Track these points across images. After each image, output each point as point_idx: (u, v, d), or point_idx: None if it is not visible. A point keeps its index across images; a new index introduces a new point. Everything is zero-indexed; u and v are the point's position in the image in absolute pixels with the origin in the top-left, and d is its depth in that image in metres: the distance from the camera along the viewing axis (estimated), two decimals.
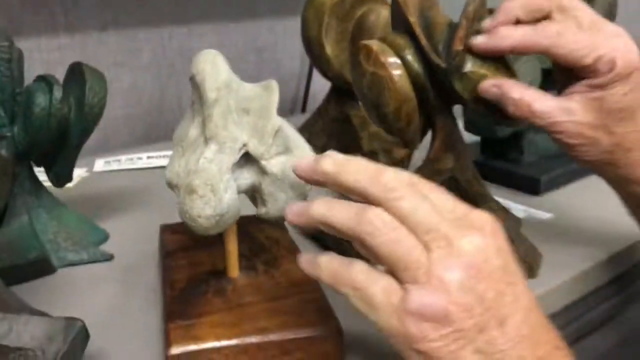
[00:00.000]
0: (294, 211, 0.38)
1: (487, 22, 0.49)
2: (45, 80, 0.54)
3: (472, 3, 0.51)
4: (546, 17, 0.48)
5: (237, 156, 0.39)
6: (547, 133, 0.49)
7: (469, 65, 0.49)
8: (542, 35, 0.46)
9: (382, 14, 0.72)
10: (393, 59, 0.50)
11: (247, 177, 0.40)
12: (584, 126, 0.47)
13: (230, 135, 0.39)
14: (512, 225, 0.61)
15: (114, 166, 0.83)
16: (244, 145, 0.39)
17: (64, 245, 0.57)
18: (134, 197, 0.73)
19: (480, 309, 0.33)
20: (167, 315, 0.41)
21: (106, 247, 0.60)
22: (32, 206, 0.56)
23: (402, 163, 0.75)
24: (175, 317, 0.41)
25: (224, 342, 0.39)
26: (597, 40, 0.46)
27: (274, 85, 0.40)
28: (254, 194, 0.42)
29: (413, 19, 0.51)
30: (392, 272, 0.34)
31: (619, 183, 0.50)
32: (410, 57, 0.51)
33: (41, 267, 0.54)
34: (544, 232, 0.63)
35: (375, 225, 0.34)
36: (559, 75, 0.51)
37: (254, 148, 0.39)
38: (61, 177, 0.57)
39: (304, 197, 0.41)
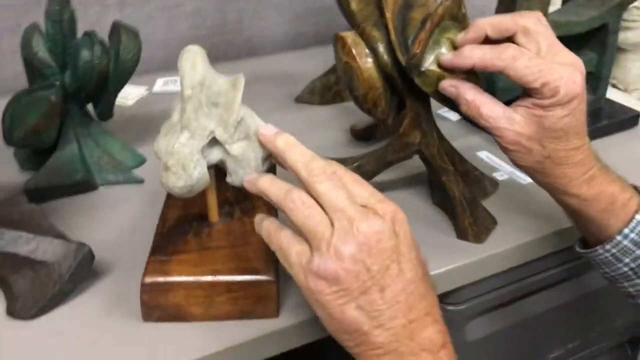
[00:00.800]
0: (249, 179, 0.50)
1: (459, 37, 0.56)
2: (89, 37, 0.66)
3: (441, 7, 0.57)
4: (511, 37, 0.54)
5: (206, 141, 0.50)
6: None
7: (427, 64, 0.56)
8: (499, 57, 0.52)
9: None
10: (363, 52, 0.58)
11: (216, 154, 0.51)
12: (521, 136, 0.54)
13: (200, 125, 0.49)
14: (481, 189, 0.70)
15: (171, 87, 0.95)
16: (212, 132, 0.50)
17: (105, 168, 0.71)
18: None
19: (366, 277, 0.43)
20: (152, 249, 0.54)
21: (141, 171, 0.74)
22: (81, 135, 0.70)
23: None
24: (156, 252, 0.54)
25: (184, 278, 0.52)
26: (546, 68, 0.52)
27: (240, 81, 0.50)
28: (222, 166, 0.53)
29: (389, 14, 0.58)
30: (306, 240, 0.45)
31: (549, 190, 0.58)
32: (382, 49, 0.58)
33: (85, 186, 0.69)
34: (517, 197, 0.70)
35: (295, 202, 0.45)
36: None
37: (220, 135, 0.50)
38: (103, 113, 0.70)
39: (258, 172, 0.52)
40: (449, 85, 0.56)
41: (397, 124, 0.65)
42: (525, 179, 0.73)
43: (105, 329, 0.53)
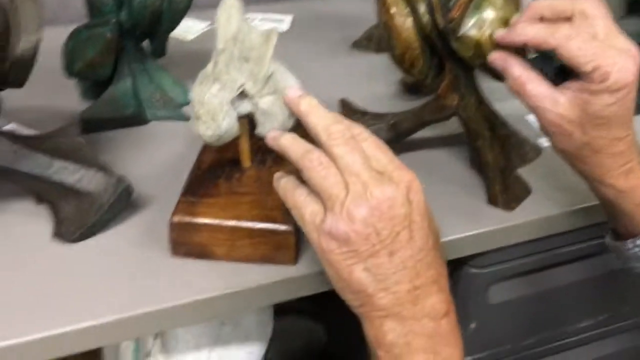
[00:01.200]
0: (272, 136, 0.51)
1: (514, 19, 0.55)
2: None
3: None
4: (569, 18, 0.53)
5: (236, 93, 0.52)
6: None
7: (465, 29, 0.55)
8: (552, 36, 0.52)
9: None
10: (402, 11, 0.58)
11: (246, 106, 0.53)
12: (563, 119, 0.53)
13: (231, 78, 0.51)
14: (521, 155, 0.69)
15: None
16: (242, 85, 0.52)
17: (157, 104, 0.74)
18: None
19: (375, 240, 0.45)
20: (183, 189, 0.58)
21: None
22: (136, 70, 0.73)
23: None
24: (187, 193, 0.57)
25: (209, 220, 0.55)
26: (600, 52, 0.51)
27: (273, 37, 0.51)
28: (252, 118, 0.55)
29: None
30: (321, 200, 0.47)
31: (586, 178, 0.57)
32: (422, 9, 0.58)
33: (136, 120, 0.73)
34: (558, 166, 0.69)
35: (313, 162, 0.47)
36: None
37: (250, 88, 0.52)
38: (157, 51, 0.73)
39: (285, 127, 0.54)
40: (498, 57, 0.55)
41: (439, 83, 0.65)
42: None
43: (137, 258, 0.57)
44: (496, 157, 0.64)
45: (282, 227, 0.55)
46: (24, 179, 0.58)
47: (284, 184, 0.50)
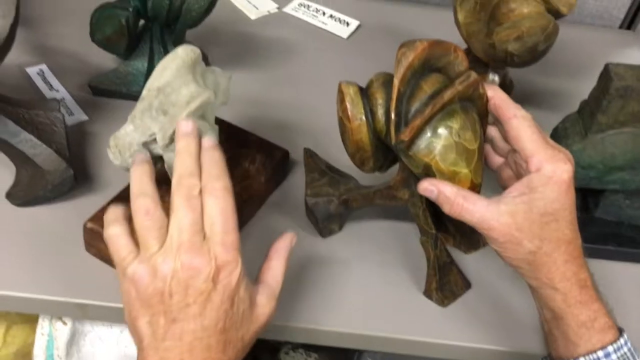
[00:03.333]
0: (132, 166, 0.52)
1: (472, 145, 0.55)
2: None
3: (449, 91, 0.52)
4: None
5: (148, 139, 0.54)
6: None
7: (415, 149, 0.53)
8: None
9: (519, 9, 0.68)
10: (358, 114, 0.55)
11: (159, 151, 0.55)
12: (511, 227, 0.52)
13: (144, 124, 0.54)
14: (475, 240, 0.67)
15: (302, 13, 0.96)
16: (153, 134, 0.54)
17: None
18: (269, 57, 0.88)
19: (167, 301, 0.46)
20: (115, 196, 0.62)
21: None
22: (156, 52, 0.77)
23: None
24: (113, 201, 0.62)
25: None
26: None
27: (195, 101, 0.53)
28: None
29: (397, 80, 0.54)
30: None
31: (536, 288, 0.55)
32: (380, 113, 0.55)
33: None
34: None
35: (140, 208, 0.48)
36: None
37: (158, 139, 0.54)
38: (175, 42, 0.76)
39: None
40: (427, 186, 0.54)
41: None
42: None
43: (56, 242, 0.63)
44: (439, 254, 0.62)
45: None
46: None
47: (112, 213, 0.51)
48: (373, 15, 0.98)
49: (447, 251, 0.64)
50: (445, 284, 0.63)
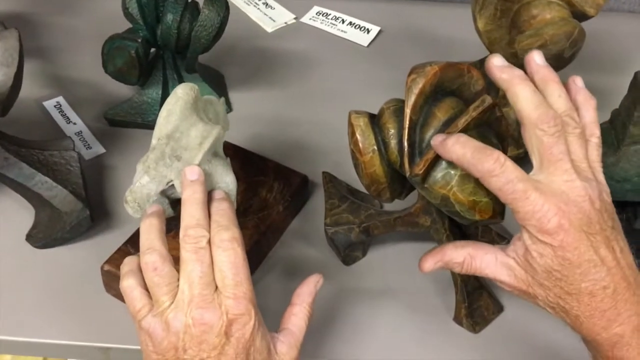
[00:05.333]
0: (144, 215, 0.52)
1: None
2: (177, 2, 0.68)
3: (464, 118, 0.49)
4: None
5: (166, 187, 0.53)
6: None
7: (431, 181, 0.50)
8: (476, 166, 0.47)
9: (541, 15, 0.64)
10: (370, 147, 0.53)
11: (178, 194, 0.54)
12: (523, 283, 0.48)
13: (159, 174, 0.52)
14: None
15: (320, 22, 0.93)
16: (171, 181, 0.52)
17: None
18: (286, 72, 0.85)
19: (181, 355, 0.46)
20: (130, 237, 0.61)
21: None
22: (170, 78, 0.75)
23: None
24: (129, 242, 0.61)
25: None
26: (520, 197, 0.45)
27: (208, 140, 0.51)
28: None
29: (408, 109, 0.51)
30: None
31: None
32: (393, 144, 0.52)
33: None
34: None
35: (148, 265, 0.48)
36: None
37: (177, 186, 0.52)
38: (187, 69, 0.74)
39: None
40: (433, 261, 0.52)
41: None
42: None
43: (80, 279, 0.62)
44: (466, 279, 0.60)
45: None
46: (11, 183, 0.64)
47: (127, 265, 0.51)
48: (394, 19, 0.95)
49: (476, 275, 0.61)
50: (475, 309, 0.61)
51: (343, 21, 0.93)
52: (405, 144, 0.50)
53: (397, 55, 0.89)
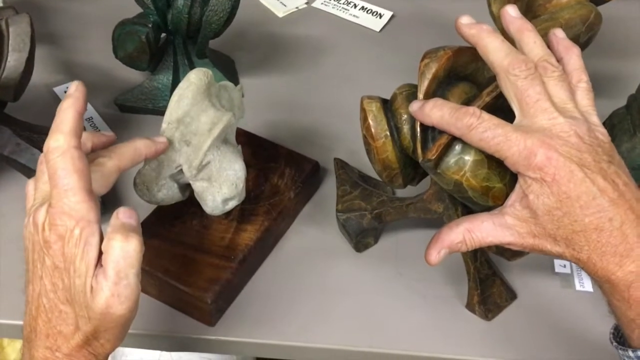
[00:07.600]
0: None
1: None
2: None
3: (478, 101, 0.48)
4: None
5: (175, 171, 0.52)
6: None
7: (444, 166, 0.49)
8: (455, 124, 0.47)
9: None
10: (383, 133, 0.52)
11: (185, 179, 0.54)
12: (525, 237, 0.47)
13: (168, 158, 0.52)
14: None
15: (330, 6, 0.92)
16: (179, 165, 0.52)
17: None
18: (298, 57, 0.85)
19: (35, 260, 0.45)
20: (143, 221, 0.61)
21: None
22: (181, 64, 0.75)
23: None
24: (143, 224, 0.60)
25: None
26: (503, 140, 0.46)
27: (218, 126, 0.51)
28: None
29: (421, 95, 0.50)
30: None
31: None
32: (406, 129, 0.52)
33: None
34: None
35: None
36: None
37: (185, 171, 0.52)
38: (197, 54, 0.74)
39: (214, 213, 0.55)
40: (435, 253, 0.50)
41: None
42: None
43: None
44: (479, 266, 0.59)
45: (201, 295, 0.57)
46: (23, 169, 0.64)
47: None
48: (407, 3, 0.93)
49: (489, 262, 0.60)
50: (488, 297, 0.60)
51: (355, 6, 0.92)
52: (418, 129, 0.50)
53: (410, 40, 0.88)
